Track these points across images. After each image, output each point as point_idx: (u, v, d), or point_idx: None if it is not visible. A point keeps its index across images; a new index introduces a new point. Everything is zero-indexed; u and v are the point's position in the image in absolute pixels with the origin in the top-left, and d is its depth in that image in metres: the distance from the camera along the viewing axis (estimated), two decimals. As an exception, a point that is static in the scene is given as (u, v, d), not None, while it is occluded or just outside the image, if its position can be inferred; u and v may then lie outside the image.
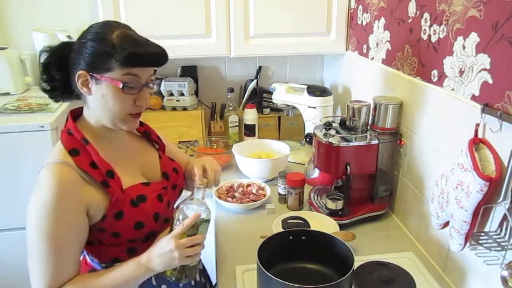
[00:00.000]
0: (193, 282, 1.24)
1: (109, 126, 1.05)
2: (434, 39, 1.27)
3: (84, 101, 1.06)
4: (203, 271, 1.36)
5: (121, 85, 0.98)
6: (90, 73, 0.98)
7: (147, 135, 1.25)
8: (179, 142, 2.12)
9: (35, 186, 0.99)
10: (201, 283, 1.30)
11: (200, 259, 1.07)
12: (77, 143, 1.03)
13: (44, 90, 1.07)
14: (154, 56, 1.01)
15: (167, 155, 1.26)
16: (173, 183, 1.21)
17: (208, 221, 1.06)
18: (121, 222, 1.04)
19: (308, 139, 1.95)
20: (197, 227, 1.03)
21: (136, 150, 1.19)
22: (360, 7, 1.87)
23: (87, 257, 1.13)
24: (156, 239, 1.09)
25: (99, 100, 1.00)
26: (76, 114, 1.09)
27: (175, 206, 1.12)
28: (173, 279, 1.06)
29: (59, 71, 1.03)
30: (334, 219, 1.46)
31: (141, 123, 1.21)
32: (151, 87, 1.06)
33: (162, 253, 1.00)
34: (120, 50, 0.96)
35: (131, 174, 1.11)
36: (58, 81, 1.04)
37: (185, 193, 1.24)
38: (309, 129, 1.97)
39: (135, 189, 1.08)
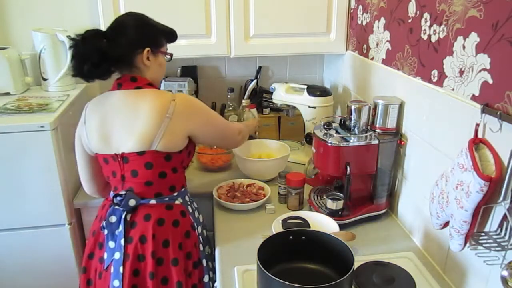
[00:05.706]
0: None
1: (158, 85, 1.43)
2: (434, 39, 1.27)
3: (138, 72, 1.34)
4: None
5: (170, 56, 1.42)
6: (153, 49, 1.34)
7: None
8: (179, 142, 2.11)
9: (183, 106, 1.32)
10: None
11: None
12: None
13: (86, 75, 1.30)
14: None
15: None
16: None
17: None
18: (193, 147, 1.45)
19: (308, 139, 1.95)
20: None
21: None
22: (360, 7, 1.87)
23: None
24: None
25: (157, 68, 1.38)
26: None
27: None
28: None
29: (100, 58, 1.26)
30: (334, 219, 1.46)
31: None
32: None
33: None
34: (167, 31, 1.39)
35: None
36: (102, 67, 1.28)
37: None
38: (309, 129, 1.97)
39: None
